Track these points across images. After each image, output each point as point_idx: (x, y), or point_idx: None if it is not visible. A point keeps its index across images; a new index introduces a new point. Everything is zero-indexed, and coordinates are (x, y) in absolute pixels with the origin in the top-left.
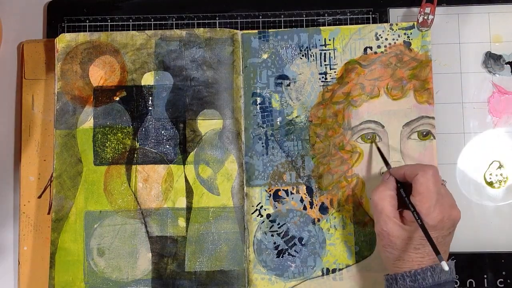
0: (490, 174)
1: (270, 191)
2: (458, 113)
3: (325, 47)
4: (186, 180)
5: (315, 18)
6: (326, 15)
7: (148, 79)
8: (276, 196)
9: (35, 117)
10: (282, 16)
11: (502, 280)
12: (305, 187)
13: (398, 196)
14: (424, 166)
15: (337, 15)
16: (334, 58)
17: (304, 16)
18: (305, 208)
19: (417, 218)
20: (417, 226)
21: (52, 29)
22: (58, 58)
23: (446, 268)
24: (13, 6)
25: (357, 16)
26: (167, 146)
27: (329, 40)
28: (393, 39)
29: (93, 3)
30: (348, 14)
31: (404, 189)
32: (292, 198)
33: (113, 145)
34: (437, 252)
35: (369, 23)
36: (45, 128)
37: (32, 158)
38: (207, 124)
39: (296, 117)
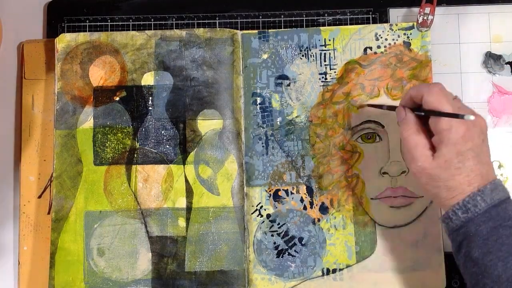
0: None
1: (270, 191)
2: None
3: (325, 47)
4: (186, 180)
5: (315, 18)
6: (326, 15)
7: (148, 79)
8: (276, 196)
9: (35, 117)
10: (282, 16)
11: None
12: (305, 187)
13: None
14: (429, 85)
15: (337, 15)
16: (334, 58)
17: (304, 16)
18: (305, 208)
19: (431, 111)
20: (447, 146)
21: (52, 29)
22: (58, 58)
23: (472, 117)
24: (13, 6)
25: (357, 16)
26: (167, 146)
27: (329, 40)
28: (393, 39)
29: (93, 3)
30: (348, 14)
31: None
32: (292, 198)
33: (113, 145)
34: (456, 116)
35: (369, 23)
36: (45, 128)
37: (32, 158)
38: (207, 124)
39: (296, 117)
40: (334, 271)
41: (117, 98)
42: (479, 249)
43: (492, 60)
